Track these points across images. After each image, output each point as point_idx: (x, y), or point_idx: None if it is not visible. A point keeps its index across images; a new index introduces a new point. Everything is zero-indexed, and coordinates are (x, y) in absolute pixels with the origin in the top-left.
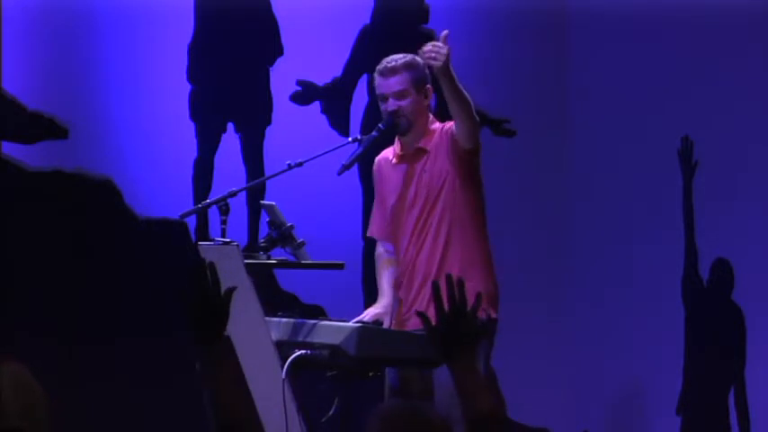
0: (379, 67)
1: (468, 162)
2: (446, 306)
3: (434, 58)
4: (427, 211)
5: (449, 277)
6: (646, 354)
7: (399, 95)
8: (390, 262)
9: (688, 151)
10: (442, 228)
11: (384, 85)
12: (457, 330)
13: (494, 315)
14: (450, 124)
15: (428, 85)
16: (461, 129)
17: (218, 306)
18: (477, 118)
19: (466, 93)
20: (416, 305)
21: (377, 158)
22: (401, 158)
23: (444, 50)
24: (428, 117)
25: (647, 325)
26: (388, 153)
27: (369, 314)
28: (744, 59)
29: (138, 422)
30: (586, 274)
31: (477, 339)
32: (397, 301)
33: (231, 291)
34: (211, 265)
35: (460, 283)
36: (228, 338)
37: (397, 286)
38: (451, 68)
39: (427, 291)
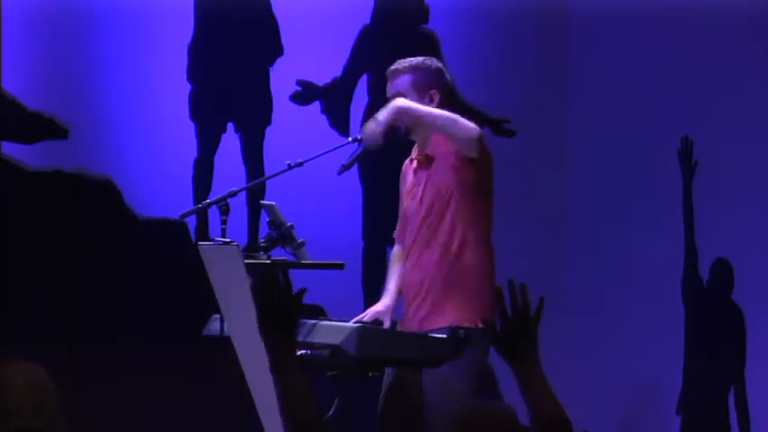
0: (387, 69)
1: (471, 171)
2: (509, 311)
3: (369, 139)
4: (427, 223)
5: (511, 283)
6: (646, 354)
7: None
8: (401, 260)
9: (688, 151)
10: (438, 241)
11: (388, 87)
12: (521, 334)
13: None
14: None
15: (433, 90)
16: (454, 143)
17: (292, 307)
18: (470, 130)
19: (438, 115)
20: (409, 314)
21: (407, 159)
22: (416, 163)
23: (371, 127)
24: None
25: (647, 325)
26: (413, 154)
27: (369, 313)
28: (744, 59)
29: (137, 422)
30: (586, 274)
31: (537, 343)
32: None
33: (302, 291)
34: (284, 268)
35: (523, 288)
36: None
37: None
38: (400, 113)
39: (418, 301)
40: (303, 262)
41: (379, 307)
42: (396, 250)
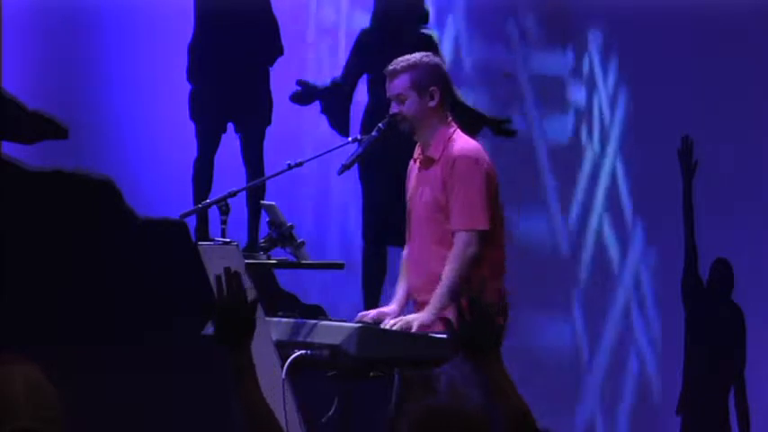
0: (385, 69)
1: None
2: (467, 308)
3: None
4: (430, 223)
5: (474, 282)
6: (646, 354)
7: (398, 99)
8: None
9: (688, 151)
10: (441, 241)
11: (387, 87)
12: (481, 332)
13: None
14: (455, 155)
15: (433, 87)
16: None
17: (246, 313)
18: (471, 253)
19: (452, 285)
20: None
21: (411, 160)
22: (419, 163)
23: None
24: (436, 119)
25: (647, 325)
26: (416, 154)
27: (373, 312)
28: (744, 59)
29: (137, 422)
30: (586, 275)
31: (501, 340)
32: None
33: (256, 299)
34: (236, 274)
35: (482, 285)
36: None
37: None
38: (431, 317)
39: (423, 300)
40: (303, 262)
41: (384, 309)
42: (406, 252)
